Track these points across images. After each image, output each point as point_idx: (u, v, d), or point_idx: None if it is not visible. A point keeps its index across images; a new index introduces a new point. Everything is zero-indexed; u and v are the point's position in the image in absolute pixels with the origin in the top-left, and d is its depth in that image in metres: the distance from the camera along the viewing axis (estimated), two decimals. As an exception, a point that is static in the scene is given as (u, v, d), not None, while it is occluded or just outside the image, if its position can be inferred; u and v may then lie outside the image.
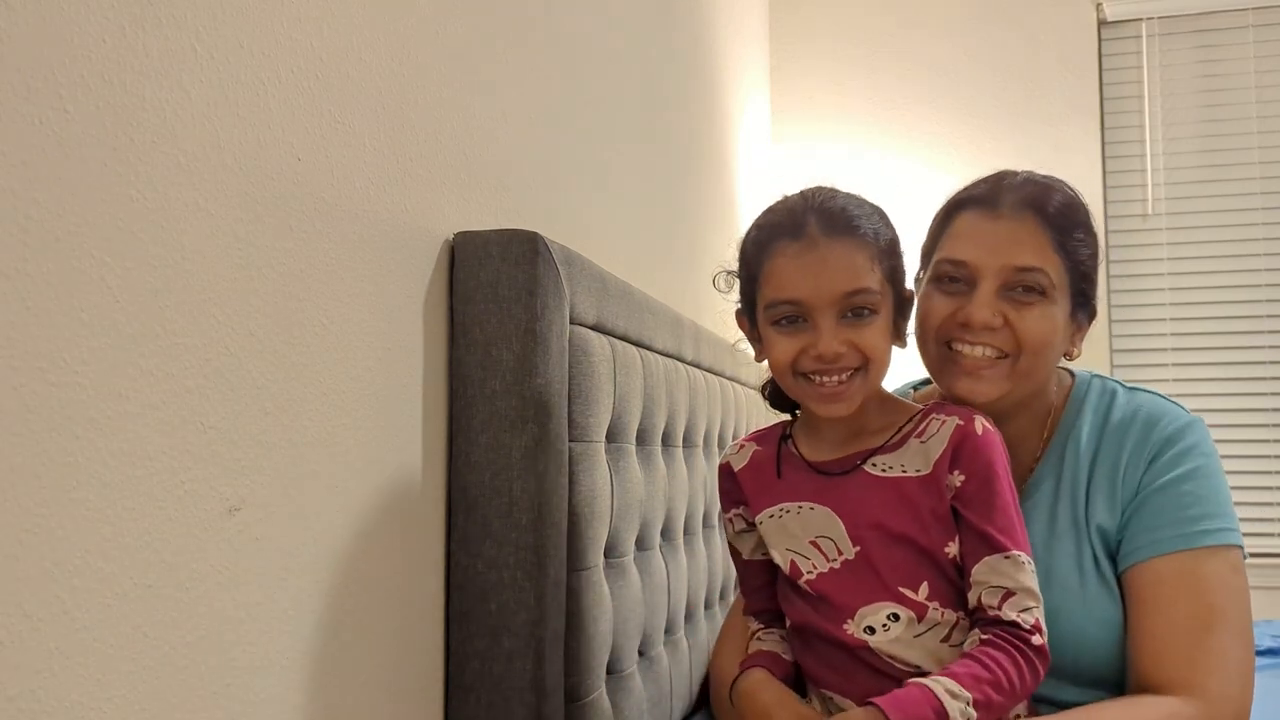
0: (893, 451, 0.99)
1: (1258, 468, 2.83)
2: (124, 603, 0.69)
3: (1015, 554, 0.94)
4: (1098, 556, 1.08)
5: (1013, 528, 0.95)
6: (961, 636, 0.96)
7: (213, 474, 0.77)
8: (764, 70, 3.13)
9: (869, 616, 0.97)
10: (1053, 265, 1.05)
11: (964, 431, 0.97)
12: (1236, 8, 2.92)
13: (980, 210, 1.08)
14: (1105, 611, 1.06)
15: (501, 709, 1.07)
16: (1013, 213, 1.06)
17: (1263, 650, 2.12)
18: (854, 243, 0.95)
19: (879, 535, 0.97)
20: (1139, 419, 1.11)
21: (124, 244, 0.69)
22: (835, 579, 0.99)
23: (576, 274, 1.19)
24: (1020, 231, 1.05)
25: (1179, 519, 1.05)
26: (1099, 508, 1.09)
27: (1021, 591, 0.93)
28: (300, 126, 0.89)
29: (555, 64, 1.46)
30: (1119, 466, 1.09)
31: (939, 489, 0.96)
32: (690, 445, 1.72)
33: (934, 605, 0.96)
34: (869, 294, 0.95)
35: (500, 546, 1.08)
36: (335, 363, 0.93)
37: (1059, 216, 1.06)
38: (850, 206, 0.98)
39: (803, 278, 0.95)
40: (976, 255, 1.05)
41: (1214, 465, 1.10)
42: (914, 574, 0.96)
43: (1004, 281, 1.05)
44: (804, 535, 1.01)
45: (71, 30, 0.65)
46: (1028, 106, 2.99)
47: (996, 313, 1.04)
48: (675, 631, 1.56)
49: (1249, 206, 2.89)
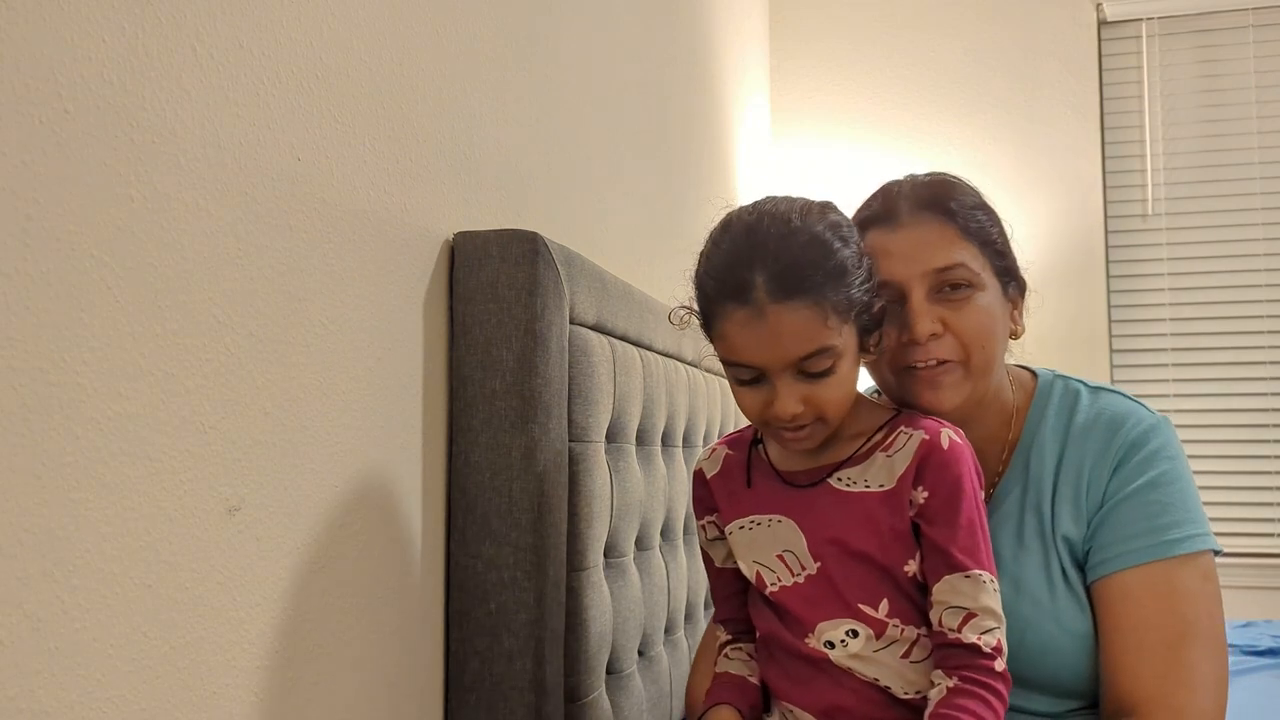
0: (858, 464, 0.98)
1: (1257, 468, 2.83)
2: (124, 603, 0.69)
3: (976, 573, 0.92)
4: (1065, 567, 1.06)
5: (976, 546, 0.94)
6: (922, 653, 0.95)
7: (213, 474, 0.77)
8: (764, 70, 3.13)
9: (828, 632, 0.96)
10: (968, 254, 1.05)
11: (929, 446, 0.95)
12: (1236, 8, 2.92)
13: (882, 227, 1.07)
14: (1075, 622, 1.05)
15: (501, 709, 1.07)
16: (912, 218, 1.06)
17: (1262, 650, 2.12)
18: (807, 304, 0.89)
19: (838, 552, 0.97)
20: (1101, 422, 1.09)
21: (124, 244, 0.69)
22: (797, 593, 0.99)
23: (576, 274, 1.19)
24: (925, 233, 1.05)
25: (1148, 529, 1.03)
26: (1064, 517, 1.07)
27: (982, 612, 0.92)
28: (300, 126, 0.89)
29: (556, 65, 1.46)
30: (1083, 474, 1.08)
31: (901, 506, 0.95)
32: (690, 445, 1.72)
33: (894, 622, 0.95)
34: (825, 354, 0.91)
35: (500, 546, 1.08)
36: (335, 363, 0.93)
37: (957, 206, 1.06)
38: (805, 252, 0.90)
39: (752, 347, 0.91)
40: (895, 270, 1.04)
41: (1181, 468, 1.07)
42: (874, 591, 0.96)
43: (930, 287, 1.04)
44: (771, 548, 1.01)
45: (71, 30, 0.65)
46: (1028, 106, 2.99)
47: (935, 319, 1.04)
48: (675, 631, 1.56)
49: (1249, 206, 2.89)
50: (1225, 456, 2.84)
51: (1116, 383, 2.87)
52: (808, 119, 3.17)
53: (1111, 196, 2.98)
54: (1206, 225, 2.92)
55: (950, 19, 3.08)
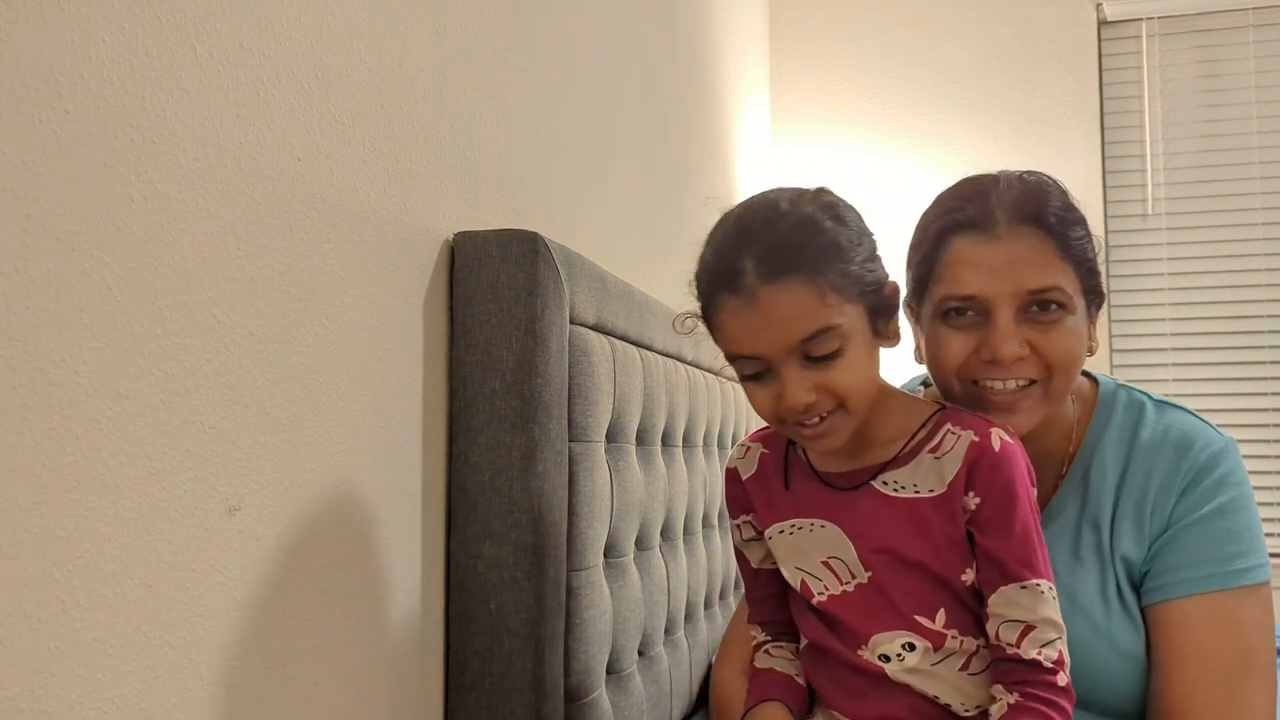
0: (904, 466, 0.93)
1: (1257, 468, 2.83)
2: (124, 603, 0.69)
3: (1033, 583, 0.88)
4: (1121, 586, 1.03)
5: (1032, 554, 0.89)
6: (981, 665, 0.91)
7: (213, 474, 0.77)
8: (764, 70, 3.13)
9: (883, 645, 0.92)
10: (1065, 276, 0.98)
11: (980, 448, 0.90)
12: (1236, 8, 2.92)
13: (975, 234, 0.99)
14: (1128, 643, 1.02)
15: (501, 709, 1.07)
16: (1010, 230, 0.98)
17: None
18: (800, 282, 0.85)
19: (890, 560, 0.92)
20: (1169, 441, 1.04)
21: (124, 244, 0.69)
22: (848, 602, 0.94)
23: (576, 274, 1.19)
24: (1024, 250, 0.97)
25: (1214, 557, 1.00)
26: (1125, 537, 1.03)
27: (1041, 624, 0.87)
28: (300, 126, 0.89)
29: (555, 65, 1.46)
30: (1148, 494, 1.03)
31: (954, 512, 0.90)
32: (690, 445, 1.72)
33: (952, 633, 0.91)
34: (828, 334, 0.86)
35: (500, 546, 1.08)
36: (335, 363, 0.93)
37: (1058, 222, 0.98)
38: (794, 232, 0.86)
39: (750, 335, 0.87)
40: (985, 285, 0.97)
41: (1247, 495, 1.03)
42: (929, 601, 0.91)
43: (1020, 306, 0.97)
44: (816, 555, 0.96)
45: (71, 30, 0.65)
46: (1028, 106, 2.99)
47: (1022, 343, 0.97)
48: (675, 631, 1.56)
49: (1249, 206, 2.89)
50: (1225, 456, 2.84)
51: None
52: (808, 119, 3.17)
53: (1111, 196, 2.98)
54: (1206, 225, 2.92)
55: (950, 19, 3.08)
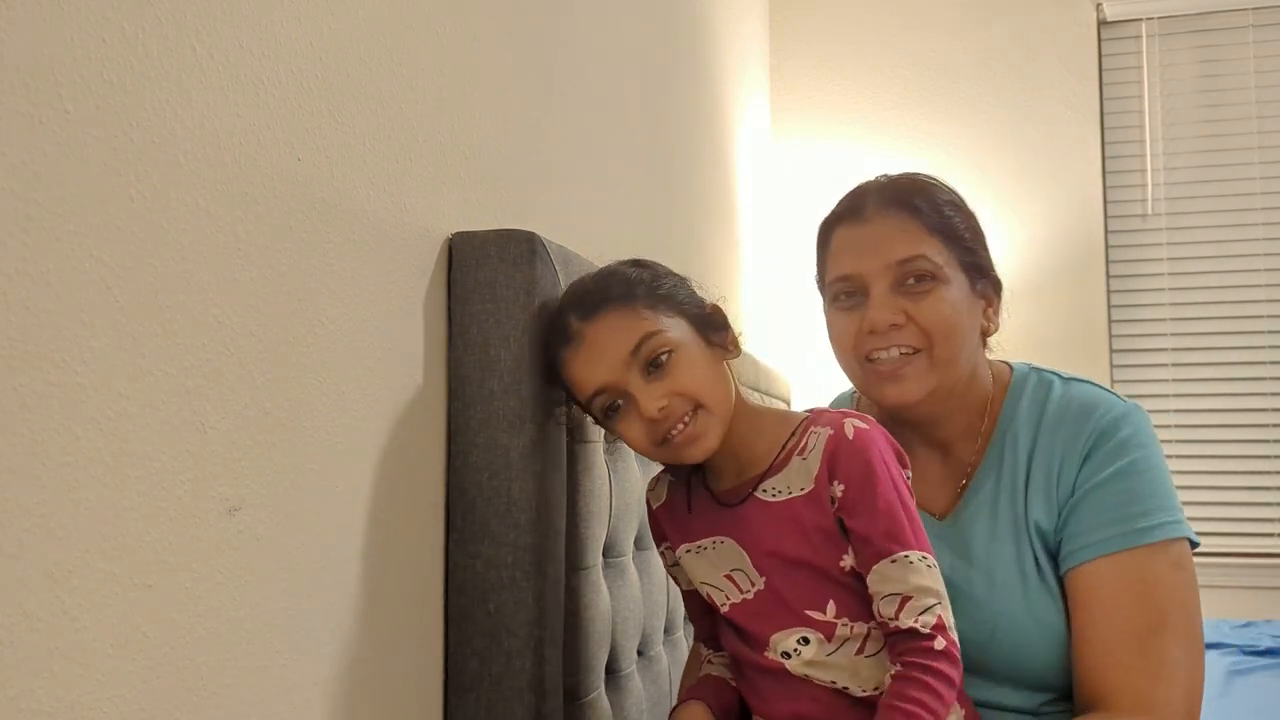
0: (779, 473, 0.99)
1: (1257, 468, 2.82)
2: (124, 603, 0.69)
3: (902, 555, 0.92)
4: (1038, 558, 1.06)
5: (899, 528, 0.93)
6: (876, 645, 0.95)
7: (213, 474, 0.77)
8: (764, 70, 3.13)
9: (781, 642, 0.97)
10: (931, 247, 1.07)
11: (836, 439, 0.96)
12: (1236, 8, 2.91)
13: (850, 222, 1.11)
14: (1048, 614, 1.04)
15: (501, 709, 1.07)
16: (877, 212, 1.09)
17: (1262, 650, 2.13)
18: (612, 309, 0.98)
19: (778, 563, 0.97)
20: (1072, 410, 1.08)
21: (124, 244, 0.69)
22: (749, 609, 1.00)
23: (575, 273, 1.19)
24: (889, 229, 1.08)
25: (1118, 517, 1.02)
26: (1037, 507, 1.07)
27: (917, 592, 0.90)
28: (300, 126, 0.89)
29: (555, 65, 1.46)
30: (1054, 463, 1.07)
31: (823, 504, 0.96)
32: (690, 445, 1.72)
33: (842, 622, 0.95)
34: (650, 339, 0.96)
35: (499, 547, 1.08)
36: (334, 362, 0.93)
37: (925, 203, 1.08)
38: (599, 282, 1.02)
39: (589, 371, 0.99)
40: (859, 264, 1.08)
41: (1153, 455, 1.06)
42: (819, 595, 0.96)
43: (893, 279, 1.06)
44: (719, 569, 1.02)
45: (71, 30, 0.65)
46: (1028, 106, 2.99)
47: (896, 310, 1.05)
48: (674, 631, 1.56)
49: (1249, 206, 2.89)
50: (1225, 456, 2.83)
51: (1116, 383, 2.86)
52: (808, 119, 3.17)
53: (1111, 196, 2.98)
54: (1206, 225, 2.92)
55: (950, 19, 3.08)
